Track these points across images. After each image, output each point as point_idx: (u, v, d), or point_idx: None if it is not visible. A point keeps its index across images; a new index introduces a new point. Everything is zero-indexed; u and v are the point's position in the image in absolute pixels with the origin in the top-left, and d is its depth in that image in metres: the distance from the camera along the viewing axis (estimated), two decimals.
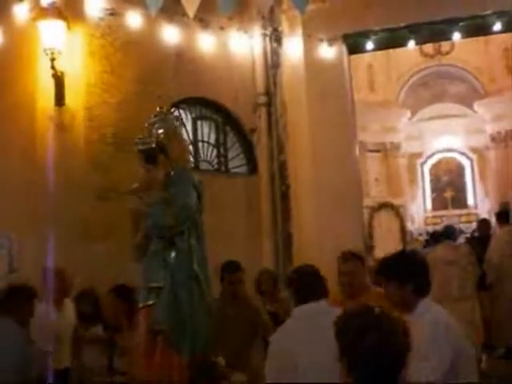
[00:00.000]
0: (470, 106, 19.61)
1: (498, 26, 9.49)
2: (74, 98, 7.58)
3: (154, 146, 4.94)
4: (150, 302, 4.73)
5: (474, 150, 20.11)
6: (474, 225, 13.36)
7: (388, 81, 19.85)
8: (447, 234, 8.96)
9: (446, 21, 9.46)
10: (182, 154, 5.26)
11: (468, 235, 13.06)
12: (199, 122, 9.28)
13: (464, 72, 19.82)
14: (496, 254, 8.92)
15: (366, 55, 14.73)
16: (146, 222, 4.85)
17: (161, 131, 5.00)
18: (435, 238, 10.25)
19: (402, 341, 2.21)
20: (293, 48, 9.78)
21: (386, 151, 19.78)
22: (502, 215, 9.48)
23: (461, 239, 13.22)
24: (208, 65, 9.00)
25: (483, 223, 10.66)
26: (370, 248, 14.95)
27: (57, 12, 7.45)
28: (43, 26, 7.43)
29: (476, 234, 10.59)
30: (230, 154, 9.60)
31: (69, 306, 6.26)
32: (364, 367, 2.18)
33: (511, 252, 8.88)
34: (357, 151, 10.25)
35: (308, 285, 4.11)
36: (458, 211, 19.73)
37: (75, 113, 7.59)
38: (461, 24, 9.57)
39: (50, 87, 7.44)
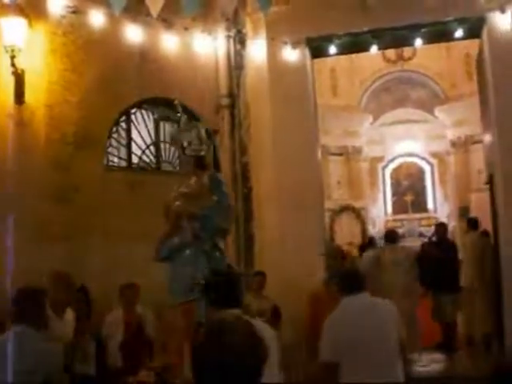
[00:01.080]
0: (431, 112, 19.81)
1: (459, 33, 9.60)
2: (34, 96, 7.49)
3: (203, 153, 5.38)
4: (192, 298, 5.00)
5: (435, 154, 20.32)
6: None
7: (351, 85, 19.97)
8: (390, 237, 9.83)
9: (408, 27, 9.55)
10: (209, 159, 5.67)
11: (426, 240, 13.23)
12: (162, 123, 9.23)
13: (425, 78, 20.03)
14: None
15: (329, 60, 14.80)
16: (195, 223, 5.18)
17: (195, 138, 5.39)
18: (372, 242, 11.71)
19: (256, 344, 2.16)
20: (256, 50, 9.78)
21: (348, 155, 19.90)
22: (472, 221, 10.45)
23: (419, 242, 13.73)
24: (171, 65, 8.96)
25: (441, 227, 10.82)
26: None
27: (18, 9, 7.38)
28: (4, 23, 7.35)
29: (434, 239, 10.73)
30: None
31: (69, 311, 6.03)
32: (210, 369, 2.10)
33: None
34: (319, 154, 10.29)
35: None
36: (418, 215, 19.92)
37: (35, 110, 7.51)
38: (423, 30, 9.66)
39: (9, 85, 7.35)
